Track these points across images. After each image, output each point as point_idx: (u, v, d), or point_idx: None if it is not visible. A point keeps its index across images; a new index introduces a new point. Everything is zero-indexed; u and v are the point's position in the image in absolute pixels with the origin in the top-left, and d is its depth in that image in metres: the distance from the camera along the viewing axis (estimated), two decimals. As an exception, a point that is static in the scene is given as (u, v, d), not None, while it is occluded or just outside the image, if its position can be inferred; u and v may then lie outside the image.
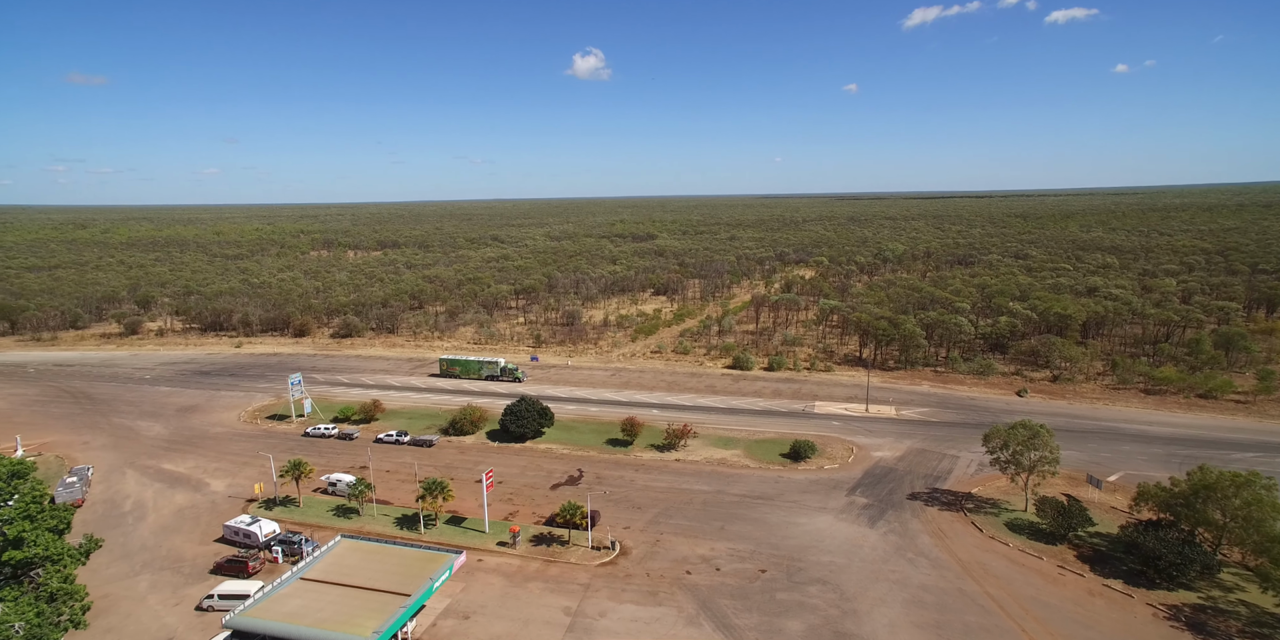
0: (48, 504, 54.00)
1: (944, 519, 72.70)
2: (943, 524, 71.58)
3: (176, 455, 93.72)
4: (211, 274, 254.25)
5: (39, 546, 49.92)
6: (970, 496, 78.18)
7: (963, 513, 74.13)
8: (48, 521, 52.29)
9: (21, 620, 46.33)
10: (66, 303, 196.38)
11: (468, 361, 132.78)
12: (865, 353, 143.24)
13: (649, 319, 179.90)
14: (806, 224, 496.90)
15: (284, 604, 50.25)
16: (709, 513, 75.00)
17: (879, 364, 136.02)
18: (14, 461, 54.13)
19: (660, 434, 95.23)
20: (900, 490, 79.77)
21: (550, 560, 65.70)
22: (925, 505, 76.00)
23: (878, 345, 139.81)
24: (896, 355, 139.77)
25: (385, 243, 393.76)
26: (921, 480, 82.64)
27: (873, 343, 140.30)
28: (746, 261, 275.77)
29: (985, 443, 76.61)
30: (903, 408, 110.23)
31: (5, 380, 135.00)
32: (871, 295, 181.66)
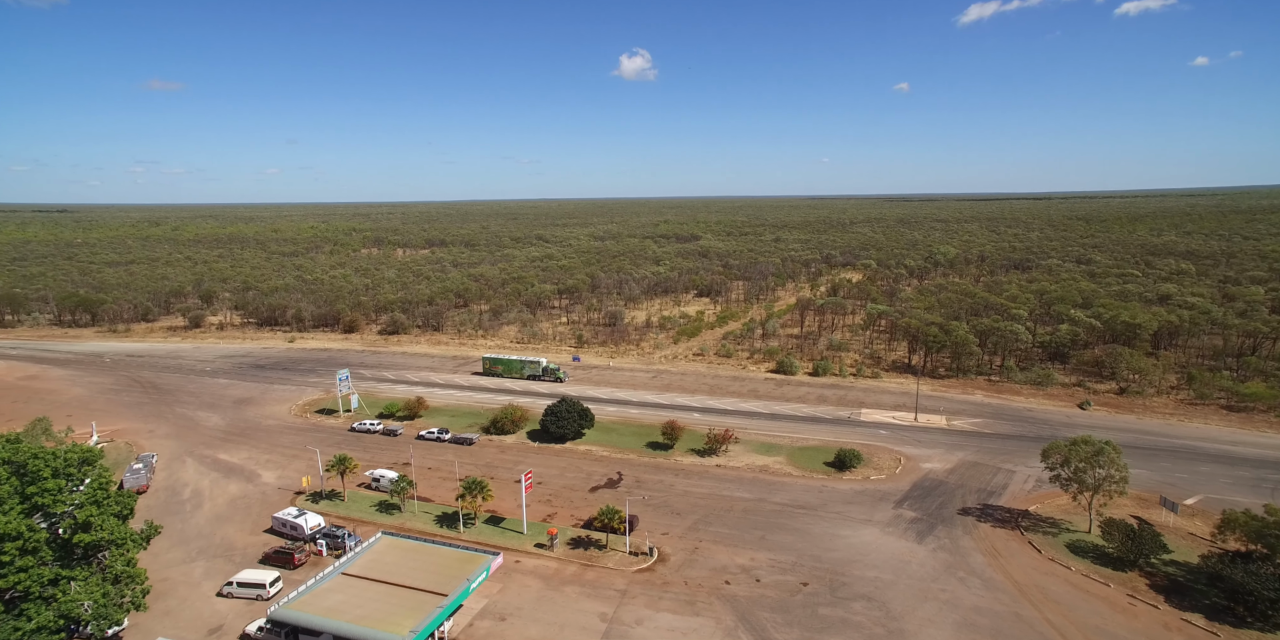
0: (113, 490, 56.25)
1: (998, 537, 69.19)
2: (997, 542, 68.12)
3: (232, 446, 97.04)
4: (268, 270, 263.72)
5: (105, 531, 52.06)
6: (1027, 514, 74.25)
7: (1019, 531, 70.43)
8: (113, 507, 54.47)
9: (90, 599, 48.45)
10: (139, 297, 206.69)
11: (510, 360, 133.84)
12: (914, 359, 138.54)
13: (692, 321, 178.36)
14: (854, 226, 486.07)
15: (326, 598, 51.00)
16: (749, 521, 73.30)
17: (929, 371, 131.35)
18: (84, 449, 56.60)
19: (701, 438, 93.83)
20: (951, 505, 76.39)
21: (587, 564, 65.15)
22: (978, 521, 72.55)
23: (928, 352, 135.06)
24: (948, 363, 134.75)
25: (433, 241, 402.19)
26: (974, 495, 79.00)
27: (922, 349, 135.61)
28: (792, 264, 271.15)
29: (1044, 458, 72.62)
30: (954, 418, 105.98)
31: (86, 369, 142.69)
32: (921, 300, 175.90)
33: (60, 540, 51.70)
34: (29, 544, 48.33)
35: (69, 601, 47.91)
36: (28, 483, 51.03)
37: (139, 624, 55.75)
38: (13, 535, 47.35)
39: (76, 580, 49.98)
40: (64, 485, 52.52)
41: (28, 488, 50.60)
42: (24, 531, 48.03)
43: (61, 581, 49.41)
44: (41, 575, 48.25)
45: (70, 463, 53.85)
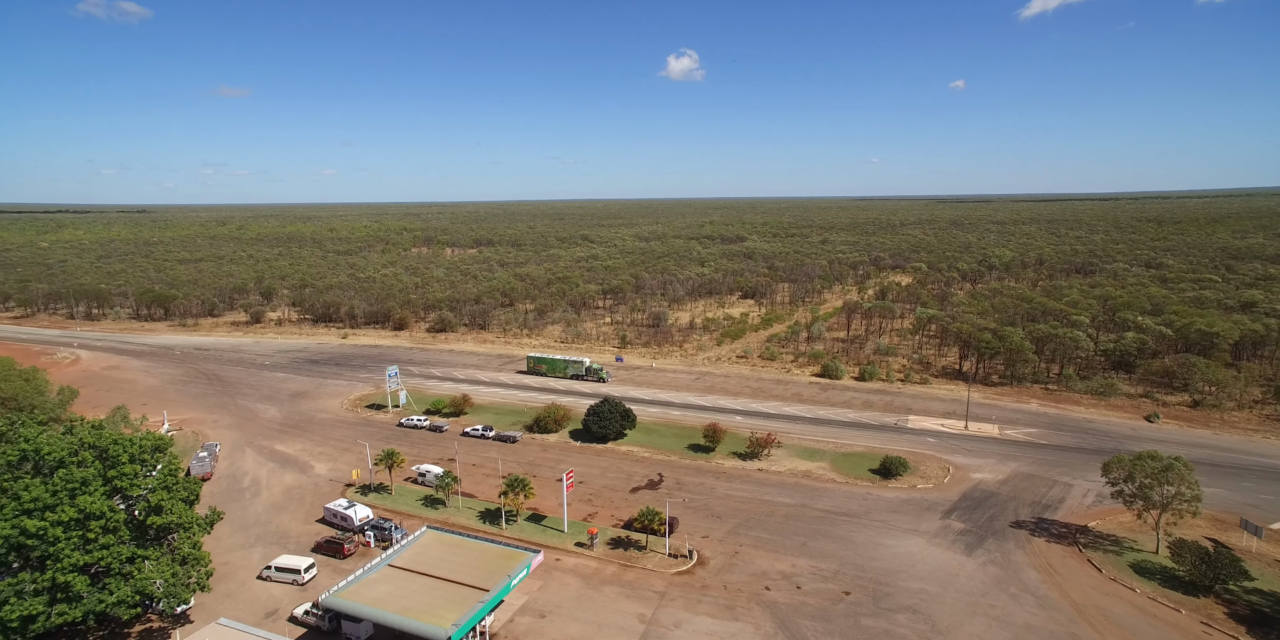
0: (182, 476, 59.51)
1: (1054, 553, 66.40)
2: (1052, 558, 65.38)
3: (287, 437, 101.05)
4: (324, 268, 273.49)
5: (174, 514, 55.20)
6: (1086, 530, 70.98)
7: (1077, 548, 67.41)
8: (181, 493, 57.66)
9: (161, 578, 51.54)
10: (206, 293, 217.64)
11: (554, 360, 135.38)
12: (966, 366, 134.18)
13: (736, 323, 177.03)
14: (904, 228, 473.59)
15: (373, 589, 52.60)
16: (791, 527, 72.31)
17: (981, 378, 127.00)
18: (157, 437, 60.00)
19: (743, 441, 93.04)
20: (1002, 517, 73.69)
21: (627, 565, 65.38)
22: (1031, 535, 69.78)
23: (980, 358, 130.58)
24: (1001, 370, 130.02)
25: (481, 241, 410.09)
26: (1027, 508, 76.00)
27: (974, 355, 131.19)
28: (839, 266, 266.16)
29: (1105, 472, 69.26)
30: (1007, 427, 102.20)
31: (159, 361, 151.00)
32: (974, 305, 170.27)
33: (135, 522, 55.01)
34: (110, 523, 51.67)
35: (143, 579, 51.04)
36: (109, 466, 54.46)
37: (203, 604, 58.64)
38: (97, 514, 50.71)
39: (150, 559, 53.17)
40: (139, 470, 55.86)
41: (109, 471, 54.01)
42: (106, 512, 51.38)
43: (137, 560, 52.65)
44: (120, 553, 51.54)
45: (145, 449, 57.18)
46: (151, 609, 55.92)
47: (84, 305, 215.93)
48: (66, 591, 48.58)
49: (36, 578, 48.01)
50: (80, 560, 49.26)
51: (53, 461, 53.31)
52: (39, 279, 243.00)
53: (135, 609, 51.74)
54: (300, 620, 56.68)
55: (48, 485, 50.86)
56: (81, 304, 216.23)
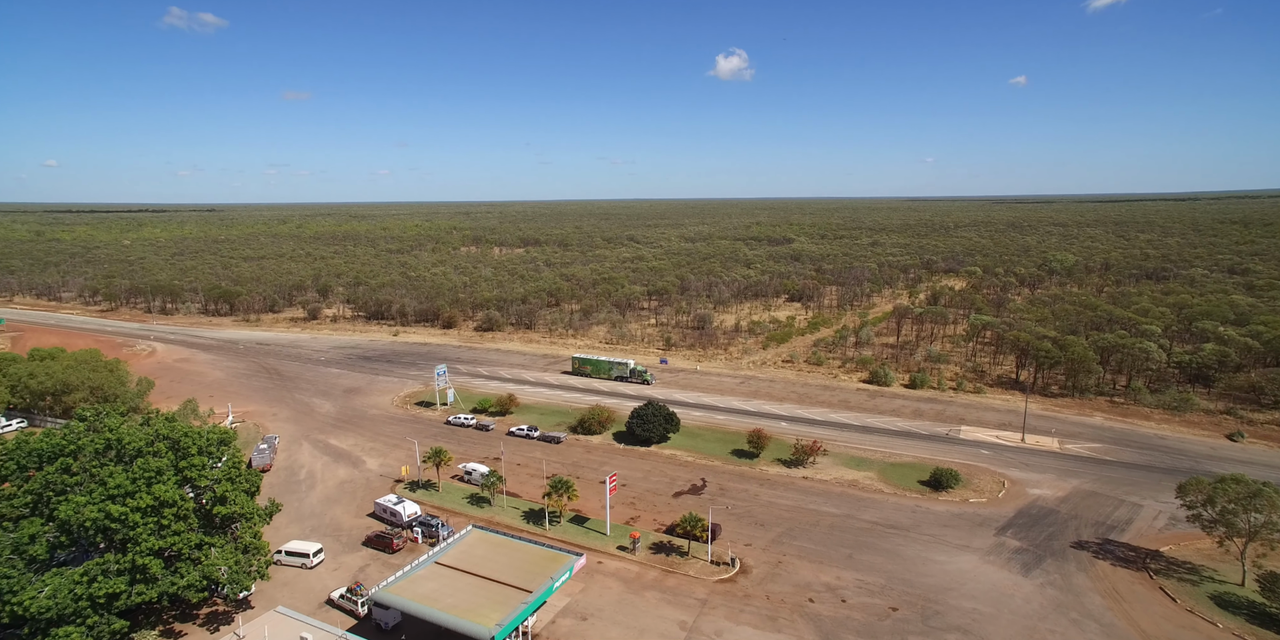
0: (244, 468, 62.37)
1: (1121, 578, 63.12)
2: (1119, 584, 62.16)
3: (341, 432, 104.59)
4: (377, 266, 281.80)
5: (237, 505, 58.04)
6: (1158, 555, 67.23)
7: (1147, 574, 63.89)
8: (243, 484, 60.48)
9: (226, 564, 54.34)
10: (268, 289, 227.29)
11: (599, 361, 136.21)
12: (1023, 375, 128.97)
13: (782, 326, 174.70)
14: (958, 230, 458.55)
15: (420, 585, 53.98)
16: (836, 538, 70.93)
17: (1039, 389, 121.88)
18: (222, 430, 63.05)
19: (788, 448, 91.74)
20: (1062, 536, 70.53)
21: (668, 570, 65.27)
22: (1095, 558, 66.56)
23: (1038, 368, 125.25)
24: (1062, 380, 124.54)
25: (528, 240, 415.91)
26: (1090, 528, 72.49)
27: (1033, 365, 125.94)
28: (889, 269, 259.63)
29: (1181, 494, 65.42)
30: (1068, 441, 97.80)
31: (224, 355, 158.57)
32: (1033, 311, 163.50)
33: (203, 510, 57.97)
34: (181, 511, 54.74)
35: (210, 565, 54.00)
36: (180, 457, 57.55)
37: (262, 591, 61.24)
38: (170, 502, 53.81)
39: (216, 547, 56.05)
40: (206, 462, 58.85)
41: (180, 462, 57.07)
42: (178, 500, 54.46)
43: (205, 547, 55.65)
44: (190, 540, 54.57)
45: (211, 442, 60.22)
46: (217, 594, 58.79)
47: (159, 300, 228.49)
48: (144, 573, 51.77)
49: (119, 559, 51.38)
50: (156, 545, 52.43)
51: (132, 451, 56.62)
52: (122, 275, 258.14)
53: (203, 593, 54.85)
54: (336, 603, 59.60)
55: (128, 473, 54.13)
56: (157, 299, 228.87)
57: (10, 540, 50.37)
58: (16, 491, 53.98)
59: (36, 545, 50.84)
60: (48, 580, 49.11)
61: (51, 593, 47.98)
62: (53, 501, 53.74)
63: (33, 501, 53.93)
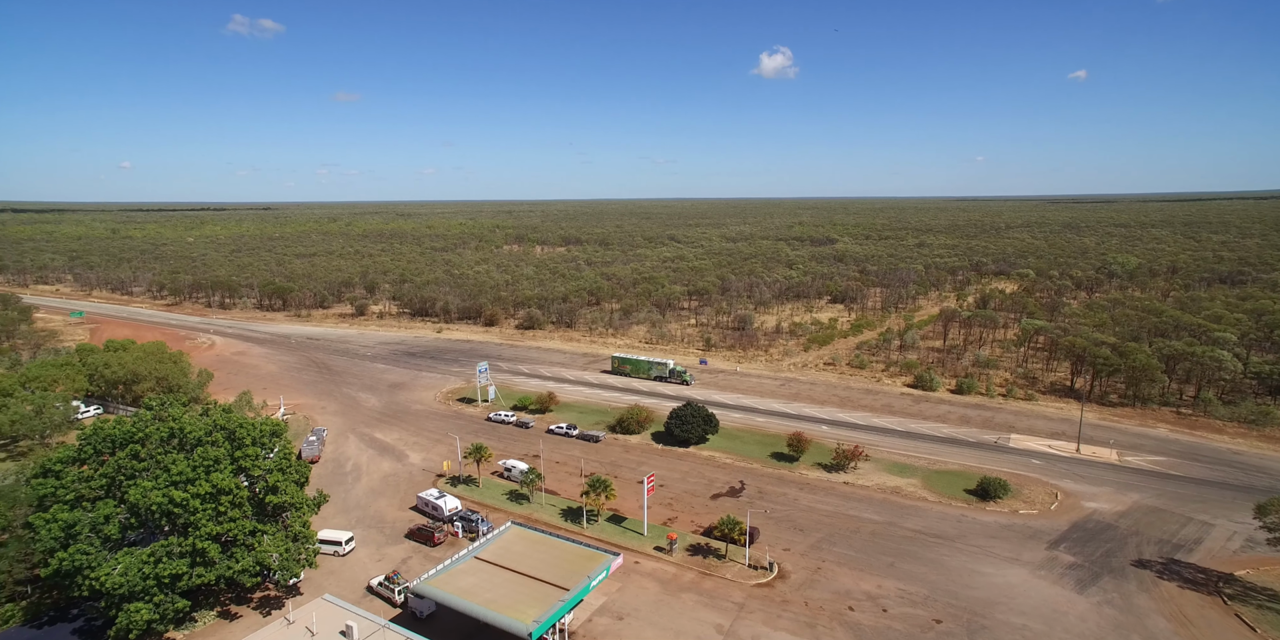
0: (294, 460, 64.59)
1: (1188, 601, 59.70)
2: (1186, 607, 58.81)
3: (385, 426, 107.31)
4: (422, 264, 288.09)
5: (288, 494, 60.19)
6: (1231, 579, 63.23)
7: (1220, 598, 60.11)
8: (293, 475, 62.66)
9: (277, 551, 56.45)
10: (318, 286, 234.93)
11: (638, 361, 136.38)
12: (1078, 383, 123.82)
13: (824, 328, 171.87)
14: (1010, 231, 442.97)
15: (460, 579, 54.94)
16: (878, 545, 69.39)
17: (1097, 397, 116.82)
18: (274, 422, 65.43)
19: (829, 453, 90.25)
20: (1121, 554, 67.37)
21: (705, 573, 64.92)
22: (1159, 578, 63.25)
23: (1096, 375, 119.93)
24: (1121, 389, 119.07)
25: (569, 239, 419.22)
26: (1153, 546, 68.99)
27: (1089, 372, 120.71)
28: (936, 271, 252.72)
29: (1261, 514, 61.56)
30: (1128, 453, 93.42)
31: (277, 349, 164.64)
32: (1091, 316, 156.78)
33: (256, 499, 60.24)
34: (236, 499, 57.12)
35: (262, 551, 56.30)
36: (235, 447, 59.94)
37: (309, 579, 63.33)
38: (227, 490, 56.27)
39: (268, 534, 58.25)
40: (260, 453, 61.10)
41: (236, 452, 59.44)
42: (234, 488, 56.83)
43: (258, 534, 57.87)
44: (245, 526, 56.96)
45: (264, 433, 62.54)
46: (269, 579, 61.02)
47: (218, 295, 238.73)
48: (203, 556, 54.34)
49: (181, 542, 54.08)
50: (214, 530, 54.96)
51: (193, 440, 59.27)
52: (185, 271, 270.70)
53: (256, 578, 57.19)
54: (375, 590, 61.68)
55: (189, 461, 56.72)
56: (217, 294, 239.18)
57: (89, 520, 53.51)
58: (93, 474, 57.25)
59: (110, 525, 53.90)
60: (120, 559, 52.15)
61: (123, 570, 50.91)
62: (124, 485, 56.85)
63: (107, 484, 57.13)
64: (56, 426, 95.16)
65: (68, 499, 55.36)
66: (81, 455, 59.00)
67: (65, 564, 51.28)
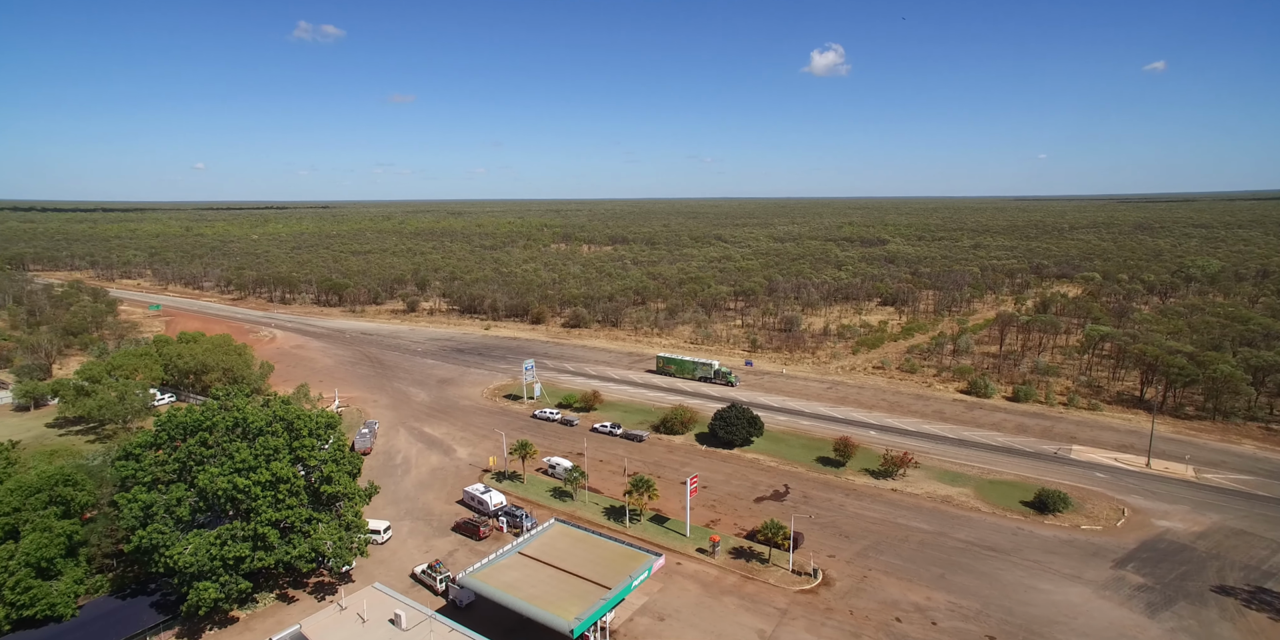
0: (348, 451, 66.79)
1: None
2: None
3: (434, 421, 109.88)
4: (471, 262, 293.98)
5: (341, 485, 62.30)
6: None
7: (1317, 633, 55.41)
8: (347, 466, 64.79)
9: (331, 539, 58.56)
10: (372, 282, 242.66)
11: (683, 361, 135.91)
12: (1149, 393, 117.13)
13: (873, 331, 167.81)
14: (1074, 231, 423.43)
15: (504, 573, 55.80)
16: (927, 555, 67.29)
17: (1170, 409, 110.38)
18: (329, 415, 67.80)
19: (876, 458, 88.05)
20: (1199, 577, 63.22)
21: (748, 577, 64.19)
22: (1246, 607, 58.73)
23: (1169, 386, 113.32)
24: (1200, 401, 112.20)
25: (616, 238, 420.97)
26: (1238, 572, 64.35)
27: (1162, 382, 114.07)
28: (992, 273, 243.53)
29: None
30: (1206, 470, 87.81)
31: (333, 343, 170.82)
32: (1165, 323, 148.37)
33: (311, 488, 62.53)
34: (293, 487, 59.47)
35: (318, 538, 58.53)
36: (293, 438, 62.32)
37: (361, 568, 65.37)
38: (285, 479, 58.65)
39: (322, 522, 60.42)
40: (316, 444, 63.35)
41: (293, 442, 61.81)
42: (291, 477, 59.17)
43: (313, 521, 60.10)
44: (301, 514, 59.25)
45: (320, 425, 64.82)
46: (323, 565, 63.29)
47: (279, 290, 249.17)
48: (264, 541, 56.86)
49: (244, 527, 56.79)
50: (273, 516, 57.36)
51: (254, 430, 61.93)
52: (250, 267, 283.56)
53: (312, 564, 59.54)
54: (418, 577, 63.56)
55: (251, 449, 59.33)
56: (278, 289, 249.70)
57: (164, 501, 56.72)
58: (167, 458, 60.58)
59: (182, 507, 57.01)
60: (190, 539, 55.18)
61: (193, 550, 53.86)
62: (193, 470, 59.94)
63: (178, 468, 60.38)
64: (136, 412, 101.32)
65: (145, 481, 58.82)
66: (157, 440, 62.45)
67: (144, 541, 54.68)
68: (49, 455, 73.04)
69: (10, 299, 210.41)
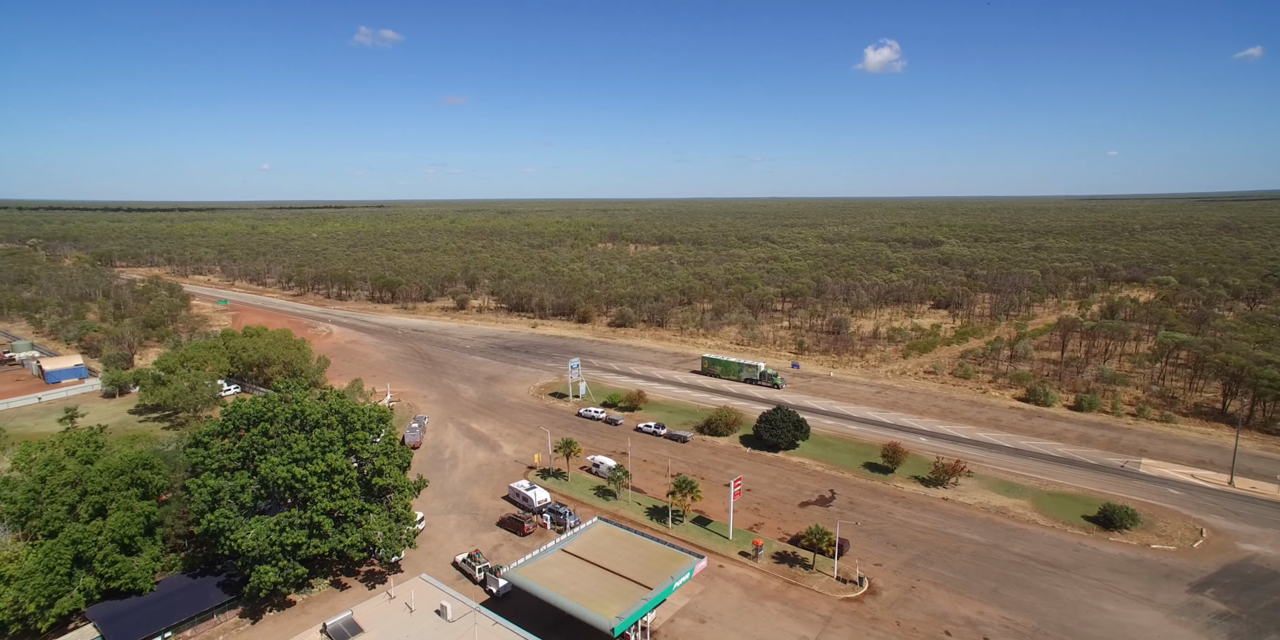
0: (398, 445, 68.69)
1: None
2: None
3: (481, 417, 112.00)
4: (520, 261, 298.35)
5: (391, 477, 64.17)
6: None
7: None
8: (397, 459, 66.62)
9: (381, 530, 60.41)
10: (423, 280, 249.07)
11: (728, 362, 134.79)
12: (1232, 406, 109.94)
13: (925, 335, 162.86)
14: (1146, 232, 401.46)
15: (547, 570, 56.40)
16: (980, 568, 64.86)
17: (1259, 424, 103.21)
18: (381, 409, 69.88)
19: (926, 466, 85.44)
20: (1288, 606, 58.83)
21: (791, 582, 63.19)
22: (1345, 644, 54.24)
23: (1257, 398, 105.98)
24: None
25: (663, 238, 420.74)
26: (1333, 603, 59.62)
27: (1248, 394, 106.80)
28: (1055, 276, 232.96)
29: None
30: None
31: (385, 339, 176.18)
32: (1251, 331, 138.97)
33: (363, 480, 64.58)
34: (347, 478, 61.50)
35: (369, 529, 60.43)
36: (347, 431, 64.46)
37: (409, 559, 67.16)
38: (339, 470, 60.74)
39: (374, 513, 62.33)
40: (368, 437, 65.38)
41: (347, 435, 63.95)
42: (345, 468, 61.25)
43: (365, 512, 62.10)
44: (354, 505, 61.28)
45: (373, 419, 66.87)
46: (374, 555, 65.33)
47: (336, 287, 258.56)
48: (319, 529, 59.08)
49: (301, 515, 59.08)
50: (328, 506, 59.54)
51: (312, 422, 64.30)
52: (309, 264, 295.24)
53: (363, 553, 61.62)
54: (459, 565, 65.50)
55: (308, 441, 61.63)
56: (334, 286, 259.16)
57: (229, 488, 59.63)
58: (232, 447, 63.59)
59: (245, 494, 59.82)
60: (252, 524, 57.87)
61: (255, 535, 56.45)
62: (255, 459, 62.72)
63: (242, 457, 63.36)
64: (205, 402, 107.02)
65: (213, 467, 61.97)
66: (223, 429, 65.61)
67: (212, 524, 57.70)
68: (130, 440, 77.87)
69: (100, 293, 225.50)
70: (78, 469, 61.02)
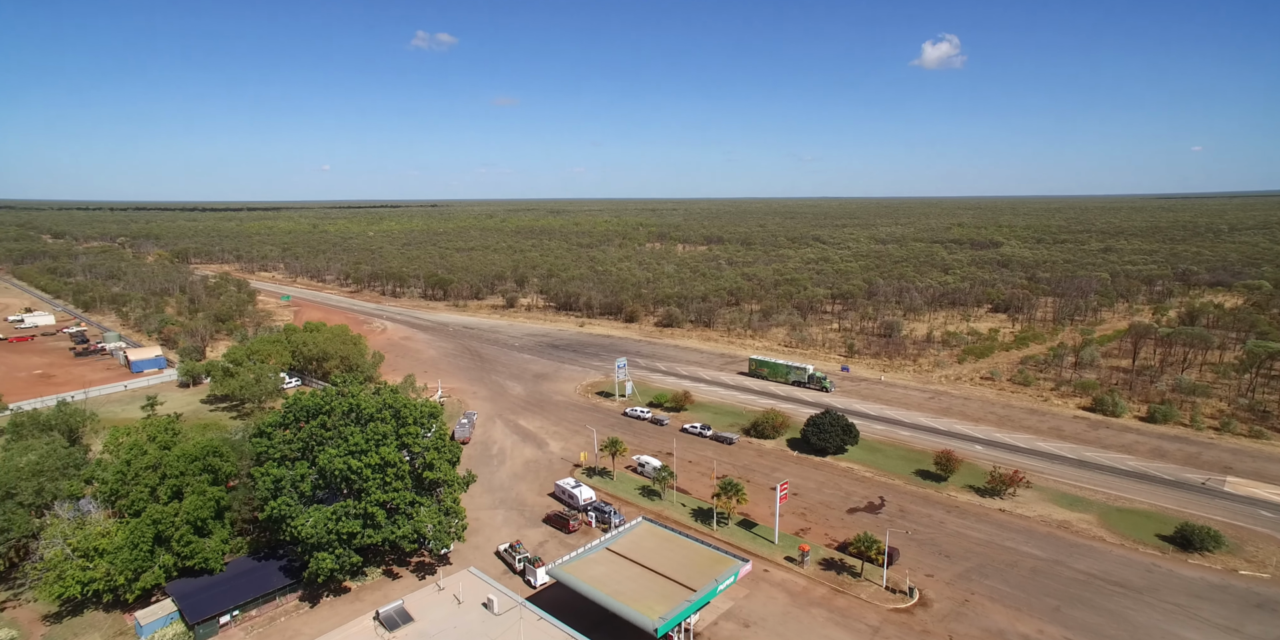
0: (448, 440, 70.27)
1: None
2: None
3: (529, 414, 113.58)
4: (568, 260, 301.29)
5: (441, 472, 65.68)
6: None
7: None
8: (447, 454, 68.15)
9: (432, 523, 62.02)
10: (474, 279, 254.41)
11: (776, 364, 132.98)
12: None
13: (982, 339, 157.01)
14: (1234, 233, 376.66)
15: (591, 568, 56.72)
16: (1039, 585, 62.08)
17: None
18: (432, 405, 71.59)
19: (982, 475, 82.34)
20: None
21: (838, 590, 61.86)
22: None
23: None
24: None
25: (711, 238, 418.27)
26: None
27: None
28: (1126, 280, 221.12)
29: None
30: (1390, 511, 75.62)
31: (437, 336, 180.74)
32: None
33: (415, 473, 66.32)
34: (399, 471, 63.33)
35: (419, 521, 62.10)
36: (400, 425, 66.32)
37: (457, 551, 68.69)
38: (392, 463, 62.61)
39: (424, 506, 63.98)
40: (419, 431, 67.08)
41: (400, 430, 65.79)
42: (398, 462, 63.07)
43: (416, 504, 63.80)
44: (406, 497, 63.05)
45: (424, 414, 68.57)
46: (424, 547, 67.08)
47: (391, 284, 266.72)
48: (372, 520, 61.15)
49: (356, 505, 61.22)
50: (381, 497, 61.48)
51: (366, 415, 66.43)
52: (365, 262, 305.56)
53: (414, 544, 63.42)
54: (500, 555, 67.41)
55: (363, 434, 63.73)
56: (389, 283, 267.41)
57: (290, 477, 62.27)
58: (293, 438, 66.35)
59: (305, 483, 62.31)
60: (311, 513, 60.31)
61: (313, 523, 58.81)
62: (314, 450, 65.23)
63: (302, 448, 66.02)
64: (269, 393, 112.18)
65: (275, 457, 64.78)
66: (285, 421, 68.48)
67: (275, 511, 60.46)
68: (202, 428, 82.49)
69: (178, 288, 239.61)
70: (157, 454, 64.87)
